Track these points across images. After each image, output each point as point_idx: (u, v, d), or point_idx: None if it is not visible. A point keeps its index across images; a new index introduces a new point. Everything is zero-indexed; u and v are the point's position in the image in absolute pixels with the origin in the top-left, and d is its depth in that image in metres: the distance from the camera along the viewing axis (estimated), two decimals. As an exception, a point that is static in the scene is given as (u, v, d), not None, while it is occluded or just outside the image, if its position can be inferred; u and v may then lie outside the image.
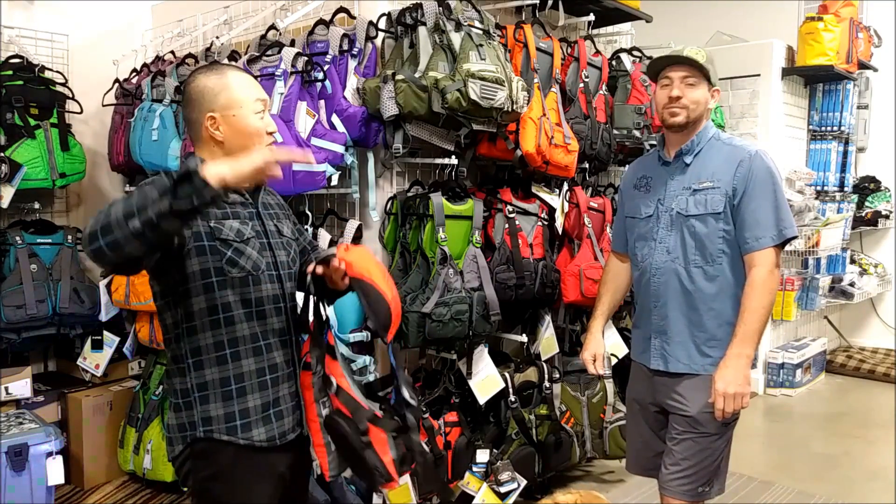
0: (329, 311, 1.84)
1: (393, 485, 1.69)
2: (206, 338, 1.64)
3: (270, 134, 1.71)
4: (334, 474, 1.75)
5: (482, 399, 2.95)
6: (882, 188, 5.95)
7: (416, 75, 2.63)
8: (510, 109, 2.67)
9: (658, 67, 2.22)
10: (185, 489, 3.23)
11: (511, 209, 3.03)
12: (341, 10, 2.97)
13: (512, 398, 3.06)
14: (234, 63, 2.94)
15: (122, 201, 1.38)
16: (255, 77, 2.47)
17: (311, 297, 1.79)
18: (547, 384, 3.19)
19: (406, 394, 1.73)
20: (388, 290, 1.73)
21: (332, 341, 1.78)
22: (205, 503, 1.71)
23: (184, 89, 1.71)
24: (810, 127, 5.54)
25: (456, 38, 2.67)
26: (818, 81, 5.42)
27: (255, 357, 1.67)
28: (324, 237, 2.83)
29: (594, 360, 2.40)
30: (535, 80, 3.03)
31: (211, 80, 1.67)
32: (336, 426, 1.68)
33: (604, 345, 2.43)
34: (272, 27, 3.05)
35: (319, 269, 1.70)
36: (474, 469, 2.95)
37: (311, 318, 1.79)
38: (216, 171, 1.37)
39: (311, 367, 1.73)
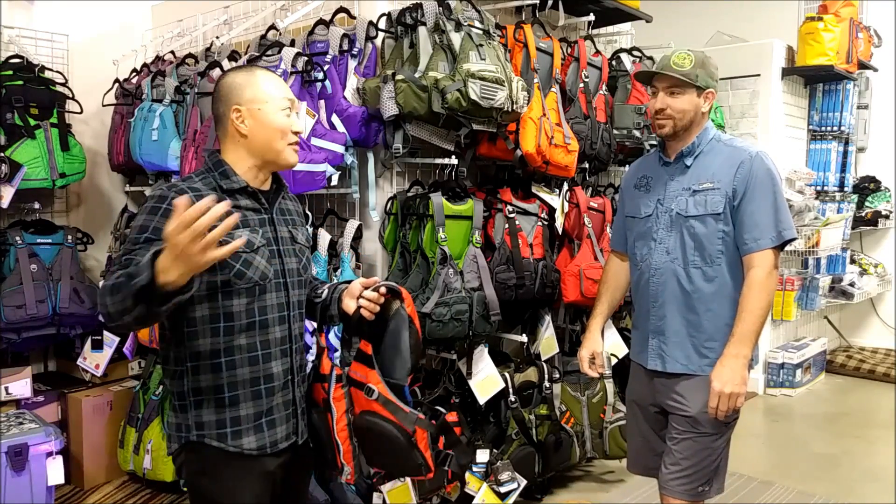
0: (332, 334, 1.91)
1: (430, 475, 1.87)
2: (205, 344, 1.63)
3: (296, 133, 1.72)
4: (358, 476, 1.82)
5: (482, 399, 2.95)
6: (882, 188, 5.95)
7: (416, 75, 2.63)
8: (510, 109, 2.67)
9: (642, 80, 2.23)
10: (185, 489, 3.23)
11: (511, 209, 3.03)
12: (341, 10, 2.97)
13: (512, 398, 3.06)
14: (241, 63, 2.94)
15: (110, 296, 1.41)
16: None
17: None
18: (547, 384, 3.19)
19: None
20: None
21: (369, 351, 1.81)
22: (196, 497, 1.73)
23: (214, 87, 1.74)
24: (810, 127, 5.54)
25: (456, 38, 2.67)
26: (818, 81, 5.42)
27: (250, 366, 1.67)
28: (324, 237, 2.82)
29: (591, 359, 2.40)
30: (535, 80, 3.03)
31: (239, 76, 1.70)
32: (376, 427, 1.77)
33: (602, 344, 2.43)
34: (272, 27, 3.06)
35: (381, 291, 1.77)
36: (474, 469, 2.95)
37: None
38: (169, 278, 1.34)
39: (340, 379, 1.83)
